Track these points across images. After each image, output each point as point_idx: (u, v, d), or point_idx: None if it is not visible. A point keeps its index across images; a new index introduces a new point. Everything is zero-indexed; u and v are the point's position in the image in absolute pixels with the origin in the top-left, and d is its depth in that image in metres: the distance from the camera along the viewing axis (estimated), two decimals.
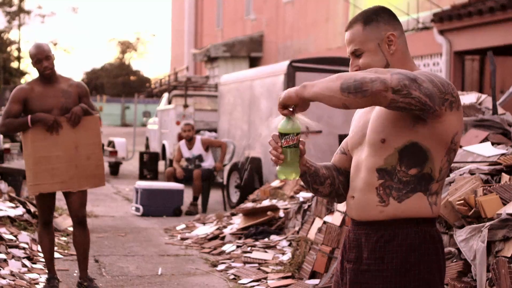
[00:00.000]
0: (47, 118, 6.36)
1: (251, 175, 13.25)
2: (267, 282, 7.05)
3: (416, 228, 2.83)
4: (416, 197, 2.83)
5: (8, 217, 8.73)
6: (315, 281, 6.77)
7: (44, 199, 6.49)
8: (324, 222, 7.21)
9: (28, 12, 50.49)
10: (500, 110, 7.08)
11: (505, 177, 5.33)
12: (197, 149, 13.13)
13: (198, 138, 13.28)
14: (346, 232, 3.07)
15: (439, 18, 15.24)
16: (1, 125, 6.44)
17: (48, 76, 6.43)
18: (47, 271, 6.71)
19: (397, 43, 2.94)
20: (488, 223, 4.69)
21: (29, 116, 6.34)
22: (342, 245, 3.07)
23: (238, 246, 8.63)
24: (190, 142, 13.15)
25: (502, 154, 5.82)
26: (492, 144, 6.24)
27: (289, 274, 7.18)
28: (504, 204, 4.89)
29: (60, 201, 8.95)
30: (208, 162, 13.12)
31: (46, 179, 6.42)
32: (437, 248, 2.87)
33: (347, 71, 2.92)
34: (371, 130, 2.90)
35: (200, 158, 13.10)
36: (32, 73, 51.22)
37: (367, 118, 2.98)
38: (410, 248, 2.82)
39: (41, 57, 6.36)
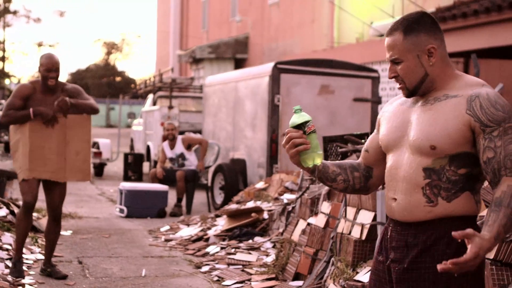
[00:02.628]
0: (47, 112, 6.89)
1: (235, 177, 13.25)
2: (251, 283, 7.04)
3: (464, 226, 2.85)
4: (464, 196, 2.90)
5: None
6: (299, 283, 6.78)
7: (31, 183, 6.88)
8: (308, 224, 7.22)
9: (14, 13, 50.28)
10: None
11: None
12: (179, 148, 13.19)
13: (179, 137, 13.35)
14: (384, 232, 3.12)
15: None
16: (4, 115, 6.90)
17: (51, 86, 6.94)
18: (15, 253, 6.98)
19: (438, 55, 2.96)
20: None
21: (31, 109, 6.85)
22: (379, 245, 3.13)
23: (222, 248, 8.63)
24: (172, 142, 13.21)
25: None
26: None
27: (273, 275, 7.18)
28: (487, 206, 4.91)
29: (43, 202, 8.92)
30: (191, 161, 13.13)
31: (39, 166, 6.94)
32: None
33: (333, 73, 2.99)
34: (419, 134, 2.93)
35: (182, 156, 13.13)
36: (16, 75, 51.03)
37: (405, 118, 3.03)
38: (459, 245, 2.84)
39: (52, 68, 6.86)
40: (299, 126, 2.98)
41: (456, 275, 2.78)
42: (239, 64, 28.54)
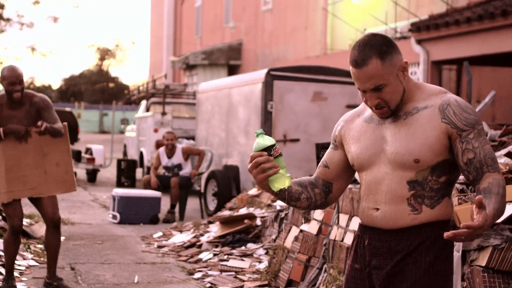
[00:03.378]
0: (18, 129, 6.61)
1: (228, 183, 13.25)
2: None
3: (443, 229, 2.99)
4: (445, 201, 3.05)
5: None
6: None
7: (14, 206, 6.66)
8: (301, 231, 7.22)
9: (8, 20, 50.18)
10: None
11: None
12: (177, 158, 13.10)
13: (179, 147, 13.23)
14: (357, 241, 3.19)
15: (416, 27, 15.33)
16: None
17: (17, 100, 6.59)
18: (5, 272, 6.83)
19: (408, 69, 3.06)
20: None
21: (1, 129, 6.56)
22: (353, 253, 3.20)
23: (215, 254, 8.63)
24: (171, 151, 13.13)
25: None
26: None
27: (266, 282, 7.18)
28: None
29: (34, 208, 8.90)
30: (186, 171, 13.10)
31: (18, 186, 6.66)
32: (453, 247, 3.13)
33: (326, 80, 3.04)
34: (400, 150, 3.01)
35: (179, 167, 13.07)
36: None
37: (377, 136, 3.10)
38: (440, 249, 3.03)
39: (15, 81, 6.51)
40: (265, 150, 2.96)
41: (437, 277, 2.99)
42: (233, 70, 28.55)
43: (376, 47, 2.98)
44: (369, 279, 3.12)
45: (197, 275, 7.84)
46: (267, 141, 2.97)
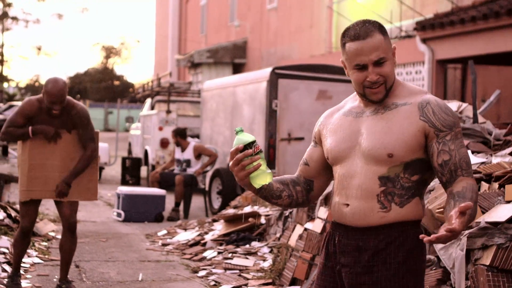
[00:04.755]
0: (47, 130, 6.50)
1: (233, 181, 13.26)
2: None
3: (413, 230, 3.00)
4: (415, 201, 3.00)
5: None
6: None
7: (29, 206, 6.57)
8: (305, 229, 7.22)
9: (14, 18, 50.23)
10: (480, 119, 7.12)
11: (484, 186, 5.37)
12: (188, 153, 13.19)
13: (192, 143, 13.33)
14: (328, 238, 3.17)
15: (421, 26, 15.32)
16: (3, 132, 6.55)
17: (54, 115, 6.50)
18: (12, 268, 6.81)
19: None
20: (467, 231, 4.72)
21: (30, 128, 6.47)
22: (325, 251, 3.16)
23: (219, 252, 8.63)
24: (184, 146, 13.27)
25: (482, 163, 5.86)
26: (472, 152, 6.28)
27: (270, 280, 7.18)
28: (483, 213, 4.92)
29: (42, 206, 8.92)
30: (194, 169, 13.14)
31: (38, 185, 6.54)
32: (424, 248, 3.07)
33: (331, 79, 3.05)
34: (375, 143, 2.98)
35: (188, 162, 13.14)
36: (14, 79, 51.00)
37: (354, 129, 3.07)
38: (410, 249, 2.99)
39: (56, 101, 6.39)
40: (246, 147, 2.95)
41: (408, 278, 2.97)
42: (237, 68, 28.55)
43: (375, 24, 3.00)
44: (340, 277, 3.09)
45: (202, 273, 7.85)
46: (247, 137, 2.96)
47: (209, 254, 8.67)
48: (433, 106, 2.97)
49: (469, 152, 6.29)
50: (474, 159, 6.02)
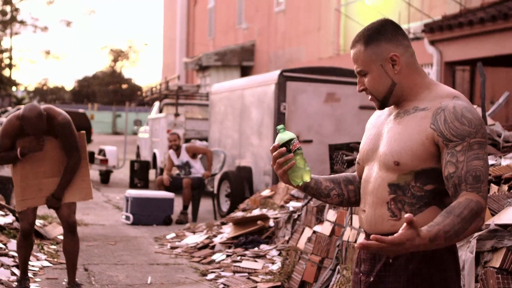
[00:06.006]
0: (34, 148, 6.56)
1: (241, 184, 13.26)
2: None
3: None
4: (430, 210, 2.81)
5: None
6: None
7: (27, 212, 6.69)
8: (314, 232, 7.22)
9: (22, 22, 50.35)
10: (489, 121, 7.10)
11: (493, 188, 5.35)
12: (184, 156, 13.22)
13: (183, 146, 13.36)
14: None
15: (430, 28, 15.30)
16: None
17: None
18: (20, 272, 6.87)
19: (402, 62, 2.88)
20: (476, 234, 4.70)
21: (18, 150, 6.54)
22: (357, 257, 3.09)
23: (228, 255, 8.63)
24: (177, 151, 13.25)
25: (491, 165, 5.84)
26: None
27: (279, 283, 7.18)
28: (493, 215, 4.90)
29: (49, 210, 8.92)
30: (197, 169, 13.15)
31: (32, 193, 6.67)
32: (449, 259, 2.86)
33: (339, 81, 2.97)
34: (385, 150, 2.87)
35: (188, 164, 13.15)
36: (23, 83, 51.12)
37: (378, 131, 2.98)
38: (421, 261, 2.82)
39: (33, 133, 6.48)
40: (284, 145, 2.94)
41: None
42: (245, 71, 28.57)
43: (367, 32, 2.89)
44: (360, 285, 3.01)
45: (210, 276, 7.85)
46: (286, 135, 2.96)
47: (217, 257, 8.67)
48: (447, 113, 2.75)
49: None
50: None
